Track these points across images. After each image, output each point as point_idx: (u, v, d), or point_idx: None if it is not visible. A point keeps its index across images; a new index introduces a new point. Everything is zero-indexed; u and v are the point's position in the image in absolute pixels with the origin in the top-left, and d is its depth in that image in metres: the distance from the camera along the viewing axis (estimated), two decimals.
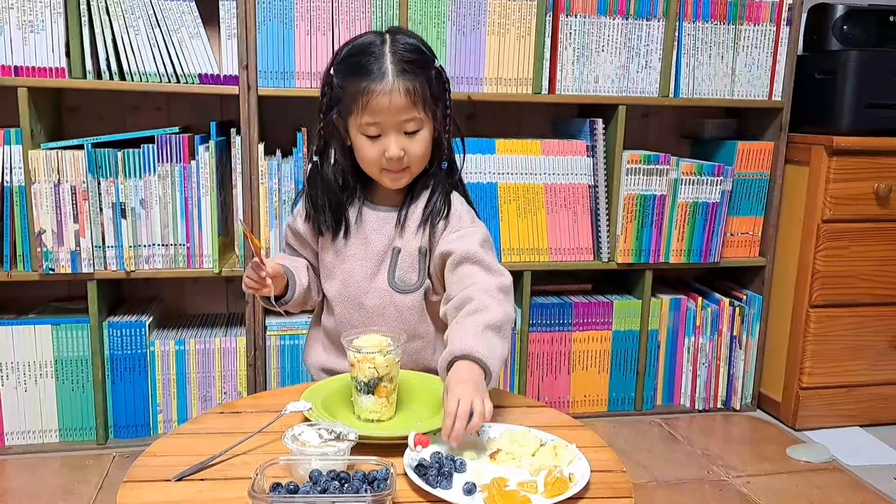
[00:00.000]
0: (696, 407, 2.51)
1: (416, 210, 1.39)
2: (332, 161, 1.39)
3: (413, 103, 1.29)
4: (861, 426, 2.43)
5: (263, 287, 1.32)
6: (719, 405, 2.53)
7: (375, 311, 1.40)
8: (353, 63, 1.30)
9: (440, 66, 1.35)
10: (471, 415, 1.05)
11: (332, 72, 1.33)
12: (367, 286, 1.40)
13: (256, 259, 1.30)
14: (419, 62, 1.31)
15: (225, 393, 2.20)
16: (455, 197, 1.41)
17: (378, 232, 1.40)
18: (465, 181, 1.48)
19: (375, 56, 1.28)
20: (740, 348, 2.50)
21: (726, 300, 2.47)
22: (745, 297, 2.51)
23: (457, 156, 1.43)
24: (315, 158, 1.40)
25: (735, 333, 2.49)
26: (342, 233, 1.40)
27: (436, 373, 1.29)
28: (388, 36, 1.32)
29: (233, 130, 2.08)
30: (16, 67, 1.95)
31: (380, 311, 1.40)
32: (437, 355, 1.41)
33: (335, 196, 1.39)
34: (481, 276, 1.30)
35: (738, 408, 2.53)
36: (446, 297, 1.33)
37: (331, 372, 1.46)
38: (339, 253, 1.42)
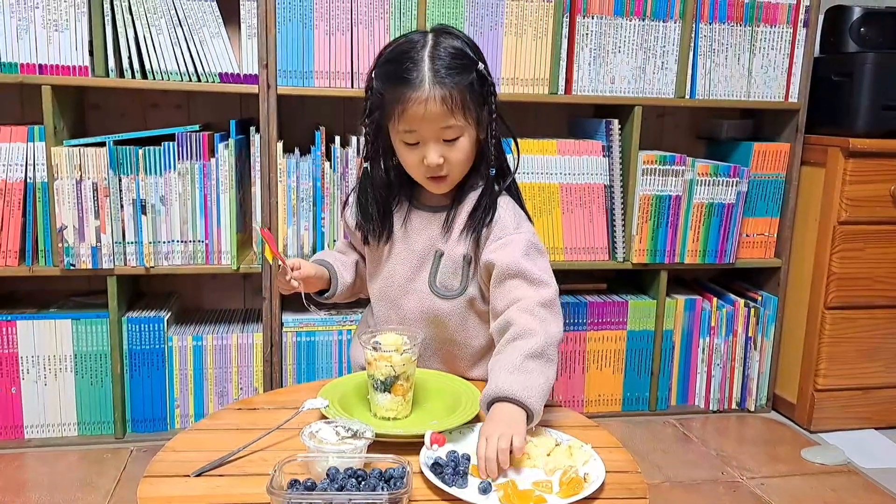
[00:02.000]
0: (711, 408, 2.51)
1: (462, 213, 1.35)
2: (382, 164, 1.38)
3: (451, 111, 1.25)
4: (876, 428, 2.43)
5: (294, 288, 1.36)
6: (734, 406, 2.52)
7: (413, 315, 1.38)
8: (392, 69, 1.27)
9: (484, 68, 1.30)
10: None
11: (373, 75, 1.32)
12: (406, 287, 1.39)
13: (283, 266, 1.34)
14: (459, 67, 1.26)
15: (241, 389, 2.22)
16: (502, 201, 1.36)
17: (421, 233, 1.37)
18: None
19: (414, 62, 1.25)
20: (755, 349, 2.50)
21: (741, 301, 2.47)
22: (760, 299, 2.50)
23: (509, 156, 1.40)
24: (365, 165, 1.38)
25: (750, 334, 2.48)
26: (385, 238, 1.39)
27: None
28: (430, 38, 1.29)
29: (252, 128, 2.10)
30: (40, 66, 1.97)
31: (417, 314, 1.38)
32: (476, 369, 1.41)
33: (384, 203, 1.38)
34: (524, 289, 1.27)
35: (752, 409, 2.53)
36: (493, 312, 1.31)
37: None
38: (382, 252, 1.41)
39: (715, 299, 2.47)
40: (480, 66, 1.30)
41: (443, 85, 1.24)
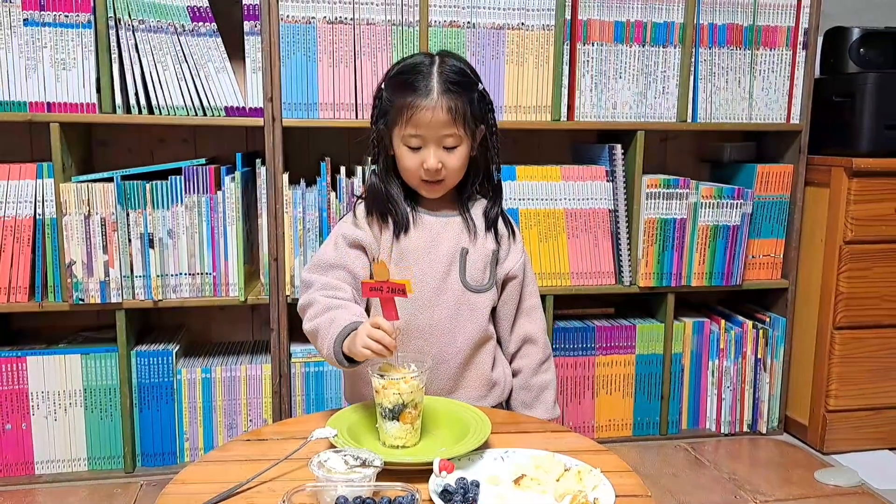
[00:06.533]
0: (722, 431, 2.50)
1: (478, 213, 1.51)
2: (384, 168, 1.48)
3: (454, 121, 1.39)
4: (890, 449, 2.41)
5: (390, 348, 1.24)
6: (745, 429, 2.51)
7: (449, 313, 1.46)
8: (403, 80, 1.41)
9: (483, 89, 1.46)
10: None
11: (382, 86, 1.45)
12: (441, 286, 1.46)
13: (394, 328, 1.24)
14: (464, 84, 1.41)
15: (250, 420, 2.22)
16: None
17: (444, 235, 1.48)
18: None
19: (423, 74, 1.39)
20: (765, 371, 2.49)
21: (749, 323, 2.46)
22: (768, 320, 2.50)
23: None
24: (374, 167, 1.49)
25: (759, 356, 2.47)
26: (404, 228, 1.46)
27: (493, 384, 1.51)
28: (437, 58, 1.43)
29: (258, 161, 2.12)
30: (48, 103, 2.00)
31: (454, 311, 1.46)
32: (497, 369, 1.53)
33: (394, 199, 1.47)
34: (535, 352, 1.56)
35: (764, 431, 2.51)
36: (505, 318, 1.55)
37: None
38: (399, 261, 1.46)
39: (723, 321, 2.47)
40: (480, 86, 1.45)
41: (450, 96, 1.38)
